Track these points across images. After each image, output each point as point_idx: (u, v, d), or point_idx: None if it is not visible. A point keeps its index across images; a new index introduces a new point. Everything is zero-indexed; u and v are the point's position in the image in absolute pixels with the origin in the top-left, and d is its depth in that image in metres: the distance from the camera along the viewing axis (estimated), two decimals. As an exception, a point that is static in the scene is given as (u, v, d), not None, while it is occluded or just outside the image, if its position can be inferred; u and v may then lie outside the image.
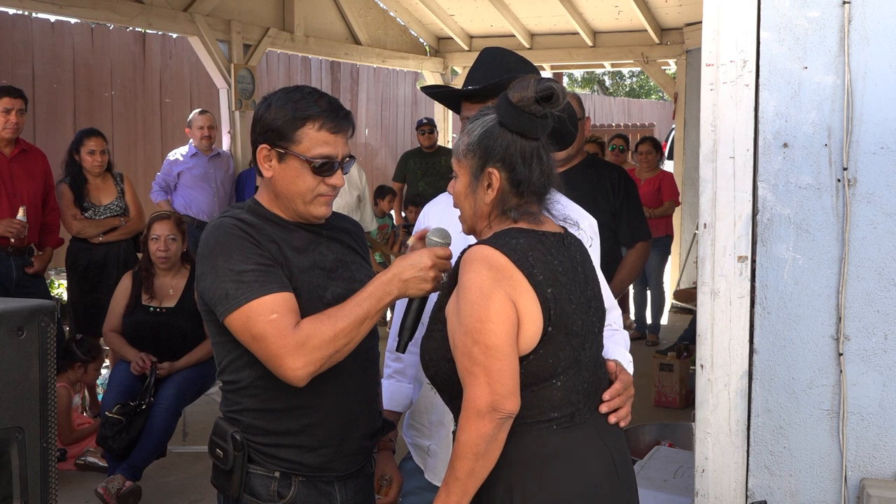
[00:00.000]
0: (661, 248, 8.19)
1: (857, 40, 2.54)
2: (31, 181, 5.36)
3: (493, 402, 1.82)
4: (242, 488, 2.12)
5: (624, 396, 2.06)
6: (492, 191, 1.97)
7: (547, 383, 1.91)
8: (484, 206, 1.99)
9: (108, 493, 4.27)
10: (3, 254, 5.17)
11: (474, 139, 1.98)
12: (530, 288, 1.87)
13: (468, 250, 1.93)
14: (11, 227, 5.11)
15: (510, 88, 1.95)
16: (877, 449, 2.60)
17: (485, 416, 1.82)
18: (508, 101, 1.93)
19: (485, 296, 1.84)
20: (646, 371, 6.60)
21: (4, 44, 8.00)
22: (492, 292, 1.84)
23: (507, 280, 1.86)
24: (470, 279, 1.87)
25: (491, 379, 1.82)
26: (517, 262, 1.87)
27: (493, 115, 1.98)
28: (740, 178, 2.62)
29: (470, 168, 1.99)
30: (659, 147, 8.47)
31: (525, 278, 1.87)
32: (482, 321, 1.83)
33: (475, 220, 2.02)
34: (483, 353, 1.83)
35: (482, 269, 1.86)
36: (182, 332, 4.74)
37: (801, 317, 2.63)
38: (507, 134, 1.94)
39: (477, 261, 1.88)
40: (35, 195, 5.37)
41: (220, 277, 2.02)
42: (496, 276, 1.85)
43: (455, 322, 1.89)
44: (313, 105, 2.10)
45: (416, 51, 11.24)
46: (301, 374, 1.96)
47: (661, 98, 25.13)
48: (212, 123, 7.28)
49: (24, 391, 2.10)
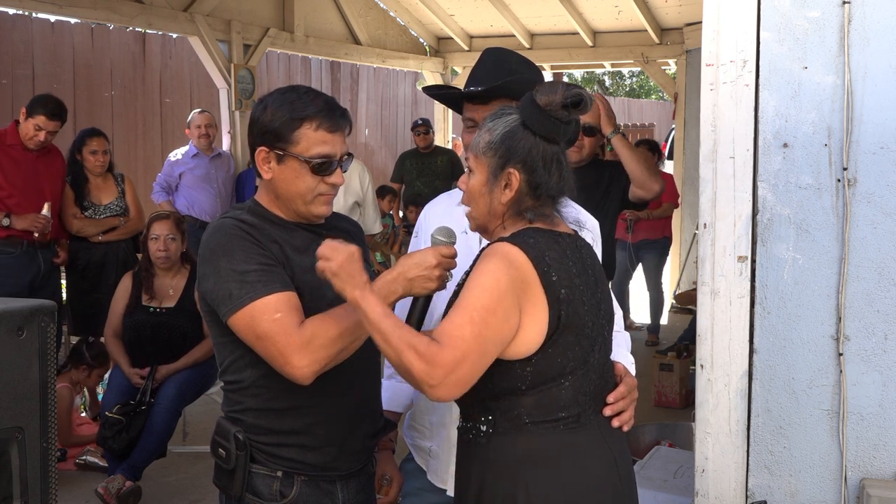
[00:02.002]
0: (658, 250, 8.19)
1: (857, 40, 2.54)
2: (53, 178, 5.51)
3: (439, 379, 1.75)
4: (245, 488, 2.13)
5: (628, 400, 2.05)
6: (509, 191, 1.96)
7: (555, 383, 1.90)
8: (499, 206, 1.98)
9: (109, 493, 4.27)
10: (31, 248, 5.32)
11: (496, 138, 1.96)
12: (542, 291, 1.86)
13: (490, 246, 1.93)
14: (38, 222, 5.26)
15: (537, 91, 1.93)
16: (877, 449, 2.60)
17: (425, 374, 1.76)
18: (535, 104, 1.92)
19: (499, 289, 1.83)
20: (646, 371, 6.60)
21: (4, 44, 8.00)
22: (507, 290, 1.84)
23: (521, 282, 1.85)
24: (488, 268, 1.86)
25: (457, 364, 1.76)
26: (534, 260, 1.86)
27: (516, 115, 1.96)
28: (740, 178, 2.62)
29: (489, 166, 1.97)
30: (657, 149, 8.46)
31: (539, 279, 1.86)
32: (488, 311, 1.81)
33: (488, 219, 2.01)
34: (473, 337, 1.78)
35: (503, 264, 1.86)
36: (182, 332, 4.74)
37: (801, 317, 2.63)
38: (530, 136, 1.93)
39: (499, 255, 1.87)
40: (56, 192, 5.53)
41: (222, 278, 2.03)
42: (515, 275, 1.85)
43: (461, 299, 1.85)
44: (310, 105, 2.10)
45: (416, 51, 11.24)
46: (306, 373, 1.96)
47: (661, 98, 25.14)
48: (210, 122, 7.28)
49: (24, 391, 2.10)
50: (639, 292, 8.77)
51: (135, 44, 9.24)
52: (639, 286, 8.63)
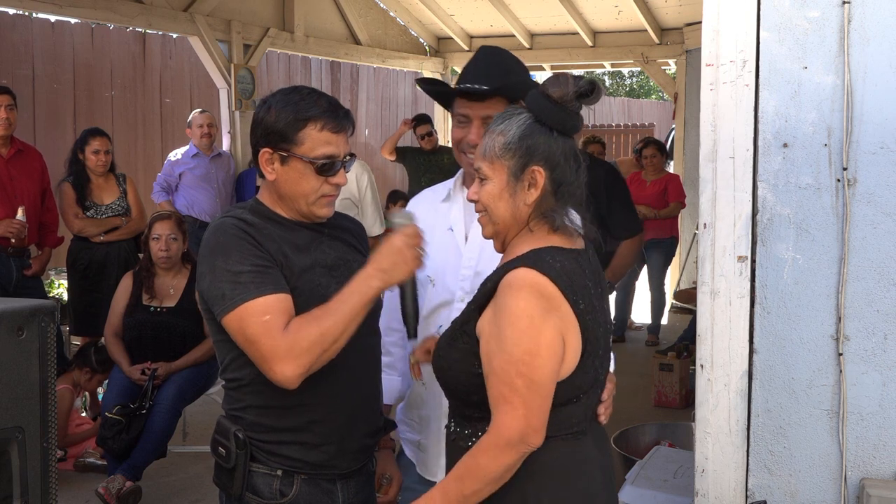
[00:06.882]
0: (665, 249, 8.19)
1: (857, 40, 2.54)
2: (29, 181, 5.37)
3: (524, 436, 1.80)
4: (245, 487, 2.13)
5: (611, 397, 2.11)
6: (535, 190, 1.90)
7: (571, 402, 1.90)
8: (524, 208, 1.92)
9: (109, 493, 4.27)
10: (2, 255, 5.17)
11: (512, 139, 1.90)
12: (574, 318, 1.84)
13: (512, 273, 1.85)
14: (11, 228, 5.12)
15: (546, 86, 1.91)
16: (877, 449, 2.60)
17: (514, 447, 1.81)
18: (548, 98, 1.89)
19: (535, 327, 1.80)
20: (646, 371, 6.61)
21: (4, 44, 8.00)
22: (543, 324, 1.80)
23: (556, 311, 1.82)
24: (519, 306, 1.81)
25: (529, 412, 1.80)
26: (564, 290, 1.82)
27: (526, 114, 1.93)
28: (740, 178, 2.62)
29: (508, 168, 1.91)
30: (664, 149, 8.48)
31: (570, 308, 1.83)
32: (532, 355, 1.79)
33: (510, 224, 1.95)
34: (527, 387, 1.79)
35: (532, 296, 1.81)
36: (182, 331, 4.74)
37: (800, 317, 2.63)
38: (547, 132, 1.90)
39: (525, 287, 1.81)
40: (33, 195, 5.39)
41: (217, 278, 2.03)
42: (547, 305, 1.81)
43: (495, 346, 1.83)
44: (313, 106, 2.10)
45: (416, 51, 11.24)
46: (290, 378, 1.96)
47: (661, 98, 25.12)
48: (211, 122, 7.29)
49: (24, 391, 2.11)
50: (639, 292, 8.77)
51: (135, 44, 9.24)
52: (640, 286, 8.63)
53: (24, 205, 5.20)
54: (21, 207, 5.18)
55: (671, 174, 8.54)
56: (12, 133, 5.33)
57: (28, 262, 5.36)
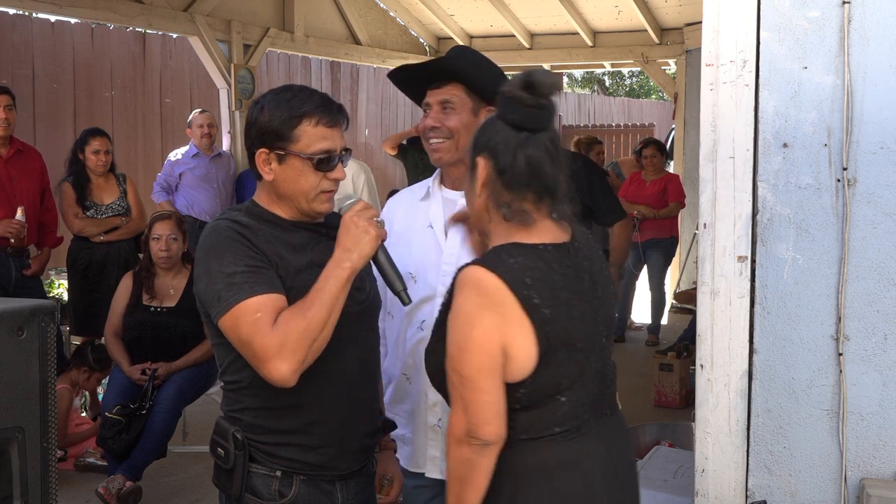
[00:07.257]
0: (665, 249, 8.18)
1: (857, 40, 2.54)
2: (29, 181, 5.37)
3: (468, 430, 1.83)
4: (244, 487, 2.13)
5: None
6: (479, 180, 1.94)
7: (551, 400, 1.89)
8: (479, 201, 1.96)
9: (109, 493, 4.27)
10: (2, 255, 5.17)
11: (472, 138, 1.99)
12: (523, 313, 1.83)
13: (461, 272, 1.89)
14: (11, 228, 5.12)
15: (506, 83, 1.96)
16: (877, 449, 2.60)
17: (462, 443, 1.84)
18: (503, 94, 1.93)
19: (468, 323, 1.83)
20: (646, 371, 6.61)
21: (4, 44, 8.00)
22: (476, 320, 1.82)
23: (496, 307, 1.82)
24: (458, 303, 1.85)
25: (466, 408, 1.83)
26: (511, 284, 1.82)
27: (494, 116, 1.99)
28: (740, 178, 2.62)
29: (468, 166, 1.99)
30: (664, 149, 8.48)
31: (518, 302, 1.82)
32: (461, 350, 1.83)
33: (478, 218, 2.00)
34: (459, 382, 1.84)
35: (471, 293, 1.84)
36: (182, 332, 4.74)
37: (800, 317, 2.63)
38: (500, 126, 1.93)
39: (467, 284, 1.85)
40: (33, 195, 5.39)
41: (213, 280, 2.04)
42: (484, 302, 1.82)
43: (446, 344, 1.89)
44: (307, 102, 2.11)
45: (416, 51, 11.24)
46: (286, 374, 1.96)
47: (661, 98, 25.12)
48: (212, 122, 7.29)
49: (24, 391, 2.10)
50: (639, 292, 8.77)
51: (135, 44, 9.24)
52: (639, 286, 8.63)
53: (23, 205, 5.20)
54: (20, 207, 5.18)
55: (671, 174, 8.54)
56: (12, 133, 5.33)
57: (27, 262, 5.36)
